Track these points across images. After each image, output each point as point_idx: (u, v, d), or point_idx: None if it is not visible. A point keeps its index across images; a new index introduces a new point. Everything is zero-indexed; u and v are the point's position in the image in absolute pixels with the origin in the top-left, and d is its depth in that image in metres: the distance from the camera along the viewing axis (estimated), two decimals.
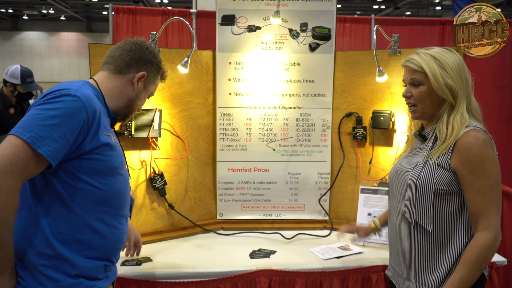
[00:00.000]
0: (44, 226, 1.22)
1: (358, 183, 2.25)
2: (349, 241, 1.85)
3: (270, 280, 1.76)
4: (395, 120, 2.15)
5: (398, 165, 1.52)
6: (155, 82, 1.49)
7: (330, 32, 2.24)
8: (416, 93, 1.41)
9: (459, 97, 1.36)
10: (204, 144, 2.28)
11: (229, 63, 2.24)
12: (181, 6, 12.51)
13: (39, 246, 1.22)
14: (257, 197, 2.32)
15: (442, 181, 1.34)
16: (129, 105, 1.43)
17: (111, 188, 1.31)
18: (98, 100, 1.30)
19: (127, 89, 1.41)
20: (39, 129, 1.13)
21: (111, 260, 1.35)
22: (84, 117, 1.20)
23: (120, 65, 1.39)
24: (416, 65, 1.40)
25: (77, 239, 1.25)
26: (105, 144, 1.27)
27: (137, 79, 1.40)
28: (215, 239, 2.14)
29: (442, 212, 1.36)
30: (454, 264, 1.35)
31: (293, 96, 2.28)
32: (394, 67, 2.13)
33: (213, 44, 2.25)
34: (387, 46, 2.18)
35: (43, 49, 22.34)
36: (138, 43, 1.43)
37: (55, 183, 1.22)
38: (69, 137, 1.17)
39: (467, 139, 1.30)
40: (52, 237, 1.22)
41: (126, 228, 1.41)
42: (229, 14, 2.21)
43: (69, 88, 1.22)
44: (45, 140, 1.13)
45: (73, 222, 1.24)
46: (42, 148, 1.13)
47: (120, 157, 1.35)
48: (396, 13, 15.45)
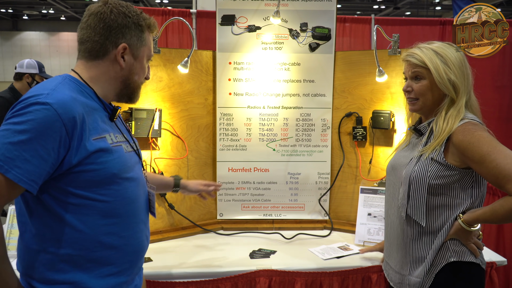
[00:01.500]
0: (49, 249, 1.08)
1: (358, 183, 2.25)
2: (351, 242, 1.85)
3: (270, 280, 1.76)
4: (395, 120, 2.15)
5: (394, 159, 1.54)
6: (145, 43, 1.22)
7: (330, 32, 2.24)
8: (418, 87, 1.41)
9: (461, 92, 1.37)
10: (204, 144, 2.28)
11: (229, 63, 2.24)
12: (181, 6, 12.51)
13: (45, 272, 1.08)
14: (257, 197, 2.32)
15: (437, 175, 1.35)
16: (127, 85, 1.21)
17: (116, 197, 1.14)
18: (82, 98, 1.10)
19: (114, 70, 1.18)
20: (5, 149, 0.96)
21: (131, 273, 1.21)
22: (59, 128, 1.00)
23: (92, 49, 1.16)
24: (418, 60, 1.39)
25: (88, 259, 1.10)
26: (95, 151, 1.08)
27: (120, 55, 1.17)
28: (215, 239, 2.14)
29: (435, 205, 1.38)
30: (437, 256, 1.38)
31: (293, 96, 2.28)
32: (394, 67, 2.13)
33: (213, 44, 2.24)
34: (387, 46, 2.18)
35: (43, 49, 22.33)
36: (99, 12, 1.15)
37: (51, 204, 1.07)
38: (43, 154, 0.99)
39: (458, 137, 1.32)
40: (59, 261, 1.08)
41: (145, 234, 1.26)
42: (229, 14, 2.21)
43: (39, 93, 1.02)
44: (14, 161, 0.96)
45: (81, 241, 1.09)
46: (11, 172, 0.96)
47: (121, 160, 1.15)
48: (396, 13, 15.44)
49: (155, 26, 1.26)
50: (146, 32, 1.23)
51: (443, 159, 1.35)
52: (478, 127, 1.32)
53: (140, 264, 1.28)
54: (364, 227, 2.06)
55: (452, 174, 1.35)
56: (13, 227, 1.86)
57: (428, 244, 1.40)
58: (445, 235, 1.37)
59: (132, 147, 1.25)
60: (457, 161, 1.34)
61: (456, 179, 1.36)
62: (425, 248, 1.40)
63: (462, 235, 1.36)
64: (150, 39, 1.25)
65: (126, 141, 1.22)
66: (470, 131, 1.31)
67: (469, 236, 1.36)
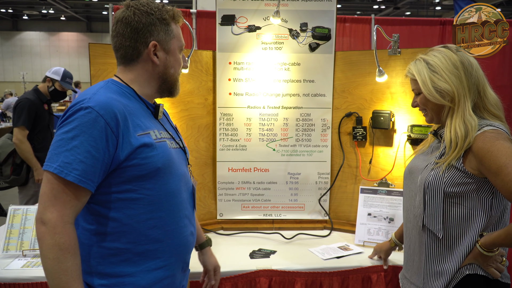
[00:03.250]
0: (99, 243, 1.13)
1: (358, 183, 2.25)
2: (351, 242, 1.85)
3: (270, 280, 1.76)
4: (395, 120, 2.15)
5: (412, 163, 1.47)
6: (173, 35, 1.24)
7: (330, 32, 2.24)
8: (419, 100, 1.41)
9: (457, 98, 1.31)
10: (204, 144, 2.28)
11: (229, 63, 2.24)
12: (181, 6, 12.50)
13: (96, 266, 1.13)
14: (257, 197, 2.32)
15: (453, 182, 1.29)
16: (165, 80, 1.26)
17: (160, 191, 1.18)
18: (123, 99, 1.17)
19: (150, 68, 1.23)
20: (64, 156, 1.05)
21: (177, 268, 1.25)
22: (104, 127, 1.08)
23: (126, 54, 1.22)
24: (411, 74, 1.40)
25: (135, 252, 1.15)
26: (140, 146, 1.13)
27: (152, 53, 1.21)
28: (215, 239, 2.13)
29: (452, 217, 1.31)
30: (459, 271, 1.31)
31: (293, 96, 2.28)
32: (394, 67, 2.13)
33: (213, 44, 2.24)
34: (387, 46, 2.18)
35: (43, 49, 22.34)
36: (123, 17, 1.20)
37: (99, 199, 1.13)
38: (95, 153, 1.07)
39: (478, 143, 1.25)
40: (108, 255, 1.14)
41: (190, 230, 1.28)
42: (229, 14, 2.21)
43: (82, 99, 1.11)
44: (71, 165, 1.05)
45: (128, 235, 1.14)
46: (70, 175, 1.05)
47: (165, 155, 1.19)
48: (396, 13, 15.46)
49: (179, 15, 1.27)
50: (172, 24, 1.25)
51: (461, 165, 1.28)
52: (502, 136, 1.24)
53: (187, 260, 1.31)
54: (364, 227, 2.06)
55: (469, 182, 1.28)
56: (13, 227, 1.86)
57: (447, 257, 1.33)
58: (465, 251, 1.30)
59: (178, 143, 1.30)
60: (474, 169, 1.27)
61: (473, 188, 1.29)
62: (443, 261, 1.33)
63: (480, 260, 1.28)
64: (177, 29, 1.27)
65: (171, 138, 1.28)
66: (491, 139, 1.23)
67: (488, 260, 1.28)
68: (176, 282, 1.27)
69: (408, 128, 2.08)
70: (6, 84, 20.43)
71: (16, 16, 21.57)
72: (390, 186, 2.13)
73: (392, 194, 2.07)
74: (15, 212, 1.89)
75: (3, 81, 21.71)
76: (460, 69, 1.32)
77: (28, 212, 1.90)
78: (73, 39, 22.42)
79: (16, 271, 1.67)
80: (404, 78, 2.11)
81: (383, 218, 2.05)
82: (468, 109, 1.30)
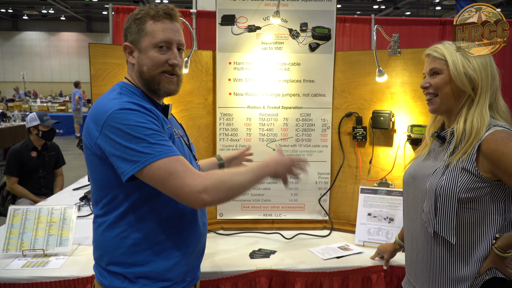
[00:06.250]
0: (122, 234, 1.22)
1: (358, 183, 2.25)
2: (351, 242, 1.85)
3: (270, 280, 1.76)
4: (395, 120, 2.15)
5: (414, 169, 1.43)
6: (145, 33, 1.23)
7: (330, 32, 2.24)
8: (434, 82, 1.35)
9: (480, 89, 1.30)
10: (204, 144, 2.28)
11: (229, 63, 2.24)
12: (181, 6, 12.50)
13: (119, 257, 1.22)
14: (257, 197, 2.32)
15: (467, 188, 1.25)
16: (144, 79, 1.26)
17: None
18: (138, 98, 1.23)
19: (134, 69, 1.27)
20: (141, 147, 1.11)
21: (191, 255, 1.32)
22: (145, 112, 1.16)
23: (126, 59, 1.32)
24: (438, 53, 1.36)
25: (155, 242, 1.23)
26: (169, 137, 1.21)
27: (127, 54, 1.28)
28: (215, 239, 2.14)
29: (466, 222, 1.28)
30: (476, 279, 1.28)
31: (293, 96, 2.28)
32: (394, 67, 2.13)
33: (213, 44, 2.24)
34: (387, 46, 2.18)
35: (43, 49, 22.34)
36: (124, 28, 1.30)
37: (138, 194, 1.21)
38: (159, 131, 1.15)
39: (490, 146, 1.23)
40: (131, 245, 1.22)
41: (202, 221, 1.36)
42: (229, 14, 2.21)
43: (109, 105, 1.16)
44: (166, 147, 1.14)
45: (150, 225, 1.23)
46: (173, 152, 1.14)
47: (182, 150, 1.27)
48: (396, 13, 15.47)
49: (161, 13, 1.23)
50: (149, 21, 1.23)
51: (475, 168, 1.24)
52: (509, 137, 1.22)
53: (200, 249, 1.37)
54: (364, 227, 2.06)
55: (483, 186, 1.25)
56: (13, 227, 1.86)
57: (463, 264, 1.29)
58: (482, 256, 1.28)
59: (186, 142, 1.36)
60: (486, 171, 1.24)
61: (487, 192, 1.26)
62: (459, 268, 1.29)
63: (499, 262, 1.26)
64: (155, 26, 1.23)
65: (181, 136, 1.34)
66: (503, 141, 1.21)
67: (506, 262, 1.26)
68: (193, 266, 1.35)
69: (408, 128, 2.08)
70: (6, 84, 20.44)
71: (16, 16, 21.57)
72: (390, 186, 2.13)
73: (392, 194, 2.07)
74: (15, 212, 1.89)
75: (3, 81, 21.72)
76: (489, 65, 1.34)
77: (28, 212, 1.90)
78: (73, 39, 22.43)
79: (16, 271, 1.67)
80: (404, 78, 2.11)
81: (383, 218, 2.05)
82: (486, 104, 1.30)
